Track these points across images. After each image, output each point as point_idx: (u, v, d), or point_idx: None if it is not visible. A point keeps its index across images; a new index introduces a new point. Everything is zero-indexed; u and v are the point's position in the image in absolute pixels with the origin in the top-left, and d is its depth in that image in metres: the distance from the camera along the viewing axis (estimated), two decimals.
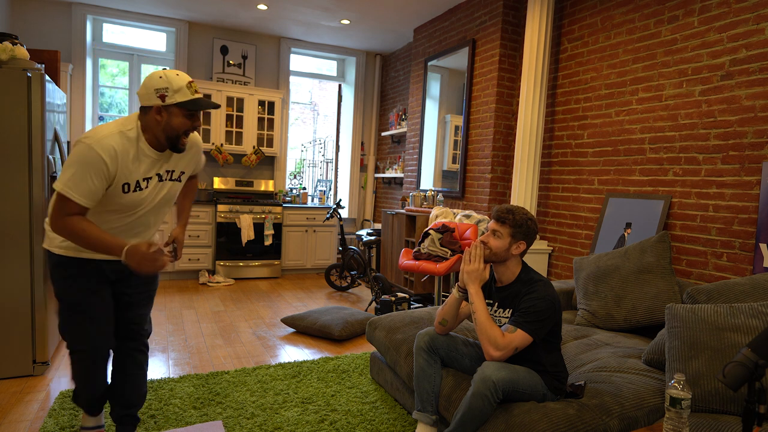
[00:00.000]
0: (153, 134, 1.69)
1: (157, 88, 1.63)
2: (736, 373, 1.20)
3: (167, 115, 1.66)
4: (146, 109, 1.67)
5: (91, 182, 1.58)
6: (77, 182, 1.56)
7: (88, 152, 1.57)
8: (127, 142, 1.65)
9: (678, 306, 1.96)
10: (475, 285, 1.88)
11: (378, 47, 6.40)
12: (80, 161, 1.56)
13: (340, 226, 5.38)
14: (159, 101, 1.63)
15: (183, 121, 1.68)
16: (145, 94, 1.65)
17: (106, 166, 1.59)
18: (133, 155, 1.67)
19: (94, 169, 1.57)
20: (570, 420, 1.67)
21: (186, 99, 1.66)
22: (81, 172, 1.57)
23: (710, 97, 2.78)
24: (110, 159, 1.60)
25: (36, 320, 2.73)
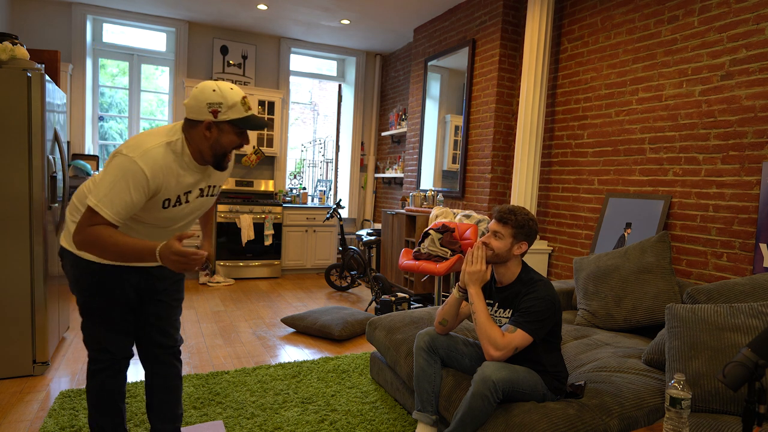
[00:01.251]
0: (197, 149, 1.56)
1: (209, 102, 1.49)
2: (736, 373, 1.20)
3: (217, 132, 1.53)
4: (193, 123, 1.53)
5: (128, 197, 1.45)
6: (113, 198, 1.43)
7: (131, 166, 1.44)
8: (173, 156, 1.52)
9: (678, 306, 1.96)
10: (475, 286, 1.88)
11: (378, 47, 6.40)
12: (121, 175, 1.44)
13: (340, 226, 5.38)
14: (210, 117, 1.50)
15: (233, 138, 1.55)
16: (195, 107, 1.51)
17: (148, 181, 1.47)
18: (178, 169, 1.54)
19: (134, 184, 1.45)
20: (570, 420, 1.67)
21: (240, 116, 1.53)
22: (119, 186, 1.44)
23: (710, 97, 2.78)
24: (153, 174, 1.47)
25: (36, 320, 2.73)
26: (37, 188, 2.68)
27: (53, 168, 2.87)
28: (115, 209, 1.44)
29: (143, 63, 5.70)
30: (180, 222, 1.69)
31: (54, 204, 2.90)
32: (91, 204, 1.43)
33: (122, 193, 1.43)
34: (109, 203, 1.43)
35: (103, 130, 5.73)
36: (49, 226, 2.83)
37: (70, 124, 5.21)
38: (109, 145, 5.76)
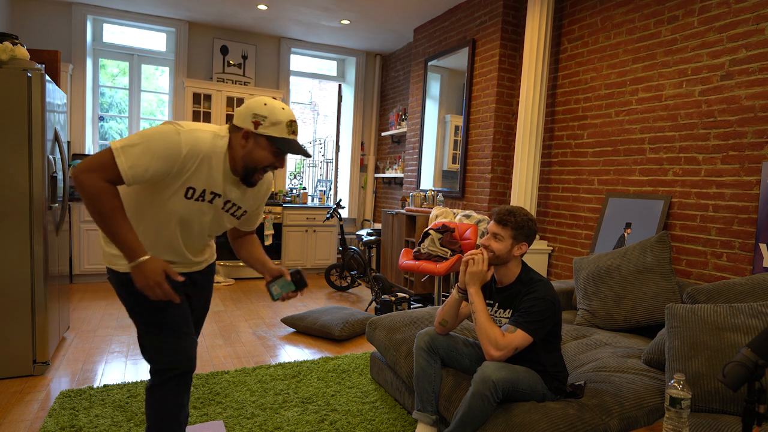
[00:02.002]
0: (233, 155, 1.52)
1: (255, 113, 1.48)
2: (735, 373, 1.20)
3: (253, 143, 1.49)
4: (236, 129, 1.51)
5: (151, 160, 1.37)
6: (137, 152, 1.36)
7: (172, 135, 1.40)
8: (216, 149, 1.49)
9: (678, 306, 1.96)
10: (475, 286, 1.88)
11: (378, 47, 6.40)
12: (156, 136, 1.38)
13: (340, 226, 5.38)
14: (251, 126, 1.48)
15: (266, 156, 1.51)
16: (242, 114, 1.50)
17: (180, 158, 1.41)
18: (215, 164, 1.49)
19: (164, 151, 1.38)
20: (570, 420, 1.67)
21: (279, 135, 1.50)
22: (148, 145, 1.37)
23: (710, 97, 2.78)
24: (189, 154, 1.42)
25: (36, 320, 2.73)
26: (38, 188, 2.68)
27: (53, 168, 2.87)
28: (131, 162, 1.36)
29: (143, 63, 5.70)
30: (192, 226, 1.58)
31: (54, 204, 2.90)
32: (113, 146, 1.36)
33: (147, 153, 1.37)
34: (130, 154, 1.35)
35: (103, 130, 5.73)
36: (49, 225, 2.83)
37: (70, 124, 5.22)
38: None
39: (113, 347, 3.23)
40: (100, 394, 2.51)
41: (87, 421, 2.23)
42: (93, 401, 2.43)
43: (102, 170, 1.35)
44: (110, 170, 1.36)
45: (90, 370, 2.84)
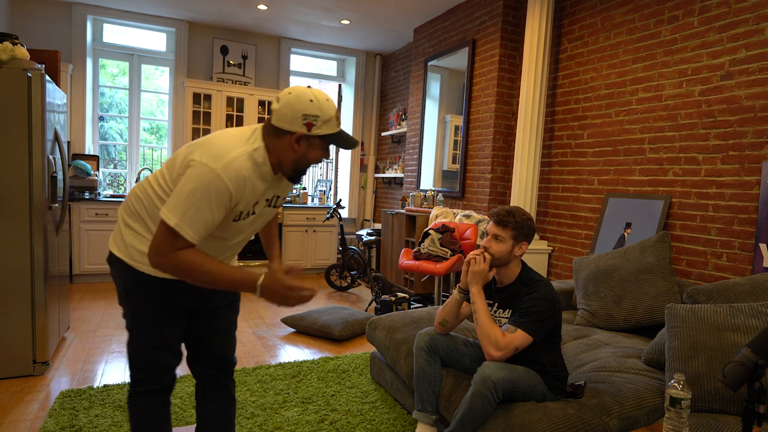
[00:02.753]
0: (278, 159, 1.41)
1: (306, 113, 1.34)
2: (735, 373, 1.20)
3: (306, 146, 1.39)
4: (281, 132, 1.37)
5: (210, 215, 1.31)
6: (193, 216, 1.28)
7: (214, 181, 1.29)
8: (255, 167, 1.38)
9: (678, 306, 1.96)
10: (478, 285, 1.88)
11: (378, 47, 6.40)
12: (202, 189, 1.28)
13: (340, 226, 5.38)
14: (303, 129, 1.35)
15: (319, 154, 1.42)
16: (287, 116, 1.35)
17: (231, 198, 1.33)
18: (255, 179, 1.39)
19: (216, 201, 1.30)
20: (570, 420, 1.67)
21: (333, 132, 1.40)
22: (201, 203, 1.29)
23: (710, 97, 2.78)
24: (236, 189, 1.33)
25: (36, 320, 2.73)
26: (38, 188, 2.68)
27: (53, 168, 2.87)
28: (195, 228, 1.30)
29: (143, 63, 5.70)
30: (241, 235, 1.53)
31: (54, 204, 2.90)
32: (170, 224, 1.28)
33: (203, 211, 1.29)
34: (189, 222, 1.28)
35: (103, 130, 5.73)
36: (49, 225, 2.83)
37: (70, 124, 5.22)
38: (109, 145, 5.77)
39: (113, 347, 3.23)
40: (100, 394, 2.51)
41: (87, 421, 2.23)
42: (93, 401, 2.43)
43: (173, 247, 1.30)
44: (180, 243, 1.30)
45: (90, 370, 2.84)
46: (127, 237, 1.46)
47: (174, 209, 1.29)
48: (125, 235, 1.46)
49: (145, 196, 1.45)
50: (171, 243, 1.29)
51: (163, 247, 1.29)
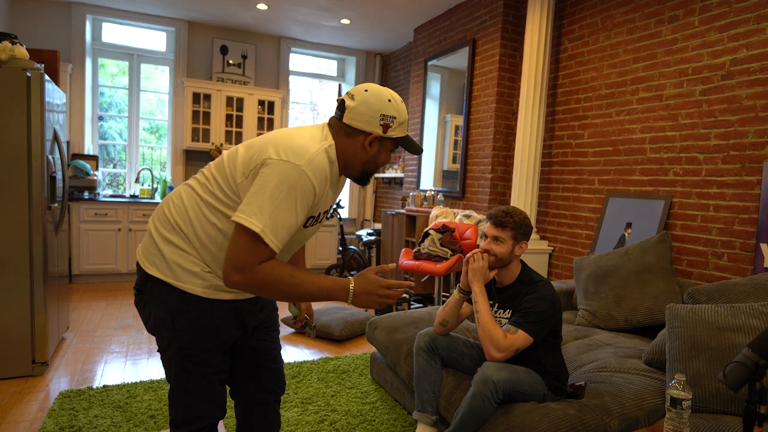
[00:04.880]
0: (345, 160, 1.30)
1: (384, 114, 1.26)
2: (736, 374, 1.20)
3: (379, 147, 1.30)
4: (354, 132, 1.27)
5: (293, 218, 1.17)
6: (277, 220, 1.14)
7: (300, 178, 1.16)
8: (330, 165, 1.26)
9: (678, 306, 1.96)
10: (479, 284, 1.88)
11: (378, 47, 6.40)
12: (288, 189, 1.15)
13: (340, 226, 5.38)
14: (379, 130, 1.26)
15: (389, 157, 1.34)
16: (365, 115, 1.25)
17: (315, 195, 1.21)
18: (331, 178, 1.28)
19: (302, 201, 1.17)
20: (570, 420, 1.66)
21: (404, 135, 1.32)
22: (286, 204, 1.15)
23: (711, 96, 2.77)
24: (320, 187, 1.21)
25: (35, 320, 2.73)
26: (37, 188, 2.67)
27: (53, 168, 2.87)
28: (280, 234, 1.15)
29: (143, 63, 5.69)
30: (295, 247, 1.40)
31: (54, 204, 2.89)
32: (255, 230, 1.12)
33: (288, 214, 1.15)
34: (273, 227, 1.14)
35: (103, 130, 5.73)
36: (48, 225, 2.83)
37: (69, 123, 5.21)
38: (108, 145, 5.76)
39: (113, 347, 3.22)
40: (100, 395, 2.50)
41: (86, 422, 2.23)
42: (92, 401, 2.43)
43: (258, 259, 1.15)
44: (264, 253, 1.15)
45: (89, 371, 2.84)
46: (168, 254, 1.25)
47: (257, 213, 1.12)
48: (166, 252, 1.25)
49: (190, 205, 1.26)
50: (255, 254, 1.13)
51: (247, 260, 1.13)
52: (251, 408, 1.49)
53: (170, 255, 1.25)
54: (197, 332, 1.26)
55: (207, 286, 1.25)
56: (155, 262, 1.26)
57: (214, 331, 1.28)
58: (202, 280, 1.24)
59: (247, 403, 1.49)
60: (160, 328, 1.27)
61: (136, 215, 5.07)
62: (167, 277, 1.24)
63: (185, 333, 1.26)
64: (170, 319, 1.26)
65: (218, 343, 1.30)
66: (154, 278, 1.26)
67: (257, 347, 1.46)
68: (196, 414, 1.30)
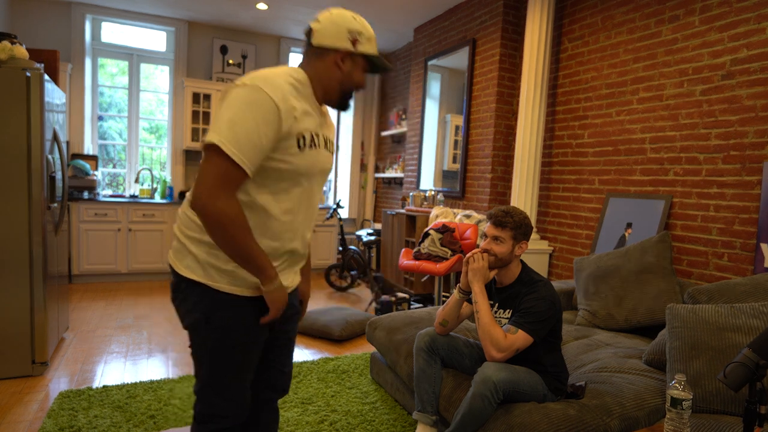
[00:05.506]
0: (322, 85, 1.30)
1: (351, 28, 1.27)
2: (737, 374, 1.20)
3: (351, 64, 1.30)
4: (324, 52, 1.28)
5: (254, 128, 1.13)
6: (237, 131, 1.12)
7: (256, 94, 1.14)
8: (295, 87, 1.24)
9: (679, 306, 1.95)
10: (479, 284, 1.88)
11: (378, 47, 6.39)
12: (244, 104, 1.14)
13: (339, 226, 5.37)
14: (349, 45, 1.27)
15: (362, 78, 1.33)
16: (332, 32, 1.26)
17: (277, 110, 1.16)
18: (305, 103, 1.26)
19: (262, 116, 1.14)
20: (570, 420, 1.66)
21: (374, 53, 1.32)
22: (245, 117, 1.13)
23: (711, 96, 2.77)
24: (282, 101, 1.17)
25: (35, 320, 2.73)
26: (36, 188, 2.67)
27: (52, 168, 2.86)
28: (244, 149, 1.13)
29: (143, 62, 5.69)
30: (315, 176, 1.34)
31: (53, 204, 2.89)
32: (213, 140, 1.12)
33: (247, 126, 1.13)
34: (233, 138, 1.11)
35: (103, 130, 5.72)
36: (48, 225, 2.82)
37: (69, 123, 5.21)
38: (108, 145, 5.76)
39: (112, 348, 3.22)
40: (99, 395, 2.50)
41: (86, 422, 2.22)
42: (92, 402, 2.43)
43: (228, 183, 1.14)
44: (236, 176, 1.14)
45: (89, 371, 2.83)
46: (200, 255, 1.25)
47: (214, 129, 1.14)
48: (198, 253, 1.25)
49: None
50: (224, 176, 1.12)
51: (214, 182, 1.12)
52: (257, 407, 1.49)
53: (202, 255, 1.25)
54: (231, 330, 1.26)
55: (241, 285, 1.26)
56: (189, 264, 1.27)
57: (247, 329, 1.29)
58: (236, 278, 1.25)
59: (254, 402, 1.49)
60: (195, 326, 1.28)
61: (136, 215, 5.07)
62: (201, 277, 1.25)
63: (218, 331, 1.26)
64: (204, 318, 1.26)
65: (251, 341, 1.30)
66: (188, 279, 1.27)
67: (274, 347, 1.45)
68: (220, 413, 1.31)
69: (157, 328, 3.67)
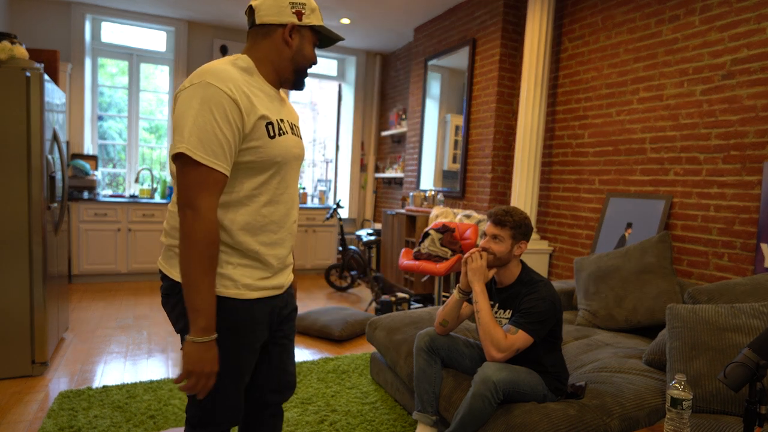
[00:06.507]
0: (272, 66, 1.25)
1: (292, 1, 1.21)
2: (737, 374, 1.20)
3: (299, 39, 1.24)
4: (269, 30, 1.23)
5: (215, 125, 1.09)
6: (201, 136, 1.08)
7: (206, 90, 1.10)
8: (243, 73, 1.20)
9: (679, 306, 1.95)
10: (480, 283, 1.88)
11: (378, 47, 6.39)
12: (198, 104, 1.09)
13: (339, 226, 5.37)
14: (294, 18, 1.21)
15: (312, 52, 1.27)
16: (274, 7, 1.21)
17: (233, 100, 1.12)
18: (256, 89, 1.21)
19: (220, 111, 1.09)
20: (571, 421, 1.66)
21: (320, 24, 1.26)
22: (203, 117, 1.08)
23: (711, 96, 2.77)
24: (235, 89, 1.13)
25: (35, 320, 2.73)
26: (36, 188, 2.67)
27: (52, 168, 2.86)
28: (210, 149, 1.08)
29: (142, 62, 5.69)
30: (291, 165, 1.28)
31: (53, 204, 2.89)
32: (180, 150, 1.07)
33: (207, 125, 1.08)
34: (197, 141, 1.07)
35: (102, 130, 5.72)
36: (48, 225, 2.82)
37: (69, 123, 5.21)
38: (108, 145, 5.76)
39: (112, 348, 3.22)
40: (99, 395, 2.50)
41: (86, 422, 2.22)
42: (92, 402, 2.42)
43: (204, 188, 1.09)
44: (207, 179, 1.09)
45: (89, 371, 2.83)
46: None
47: (177, 140, 1.09)
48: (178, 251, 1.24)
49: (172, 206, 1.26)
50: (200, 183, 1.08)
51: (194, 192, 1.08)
52: (260, 411, 1.45)
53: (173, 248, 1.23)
54: (224, 334, 1.21)
55: (232, 288, 1.21)
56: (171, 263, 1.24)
57: (239, 333, 1.24)
58: (227, 281, 1.21)
59: (257, 405, 1.44)
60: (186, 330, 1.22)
61: (136, 215, 5.07)
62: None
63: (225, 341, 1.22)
64: None
65: (244, 345, 1.26)
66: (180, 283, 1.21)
67: (276, 349, 1.41)
68: (212, 418, 1.28)
69: (157, 328, 3.67)
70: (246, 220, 1.21)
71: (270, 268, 1.27)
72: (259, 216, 1.22)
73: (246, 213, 1.21)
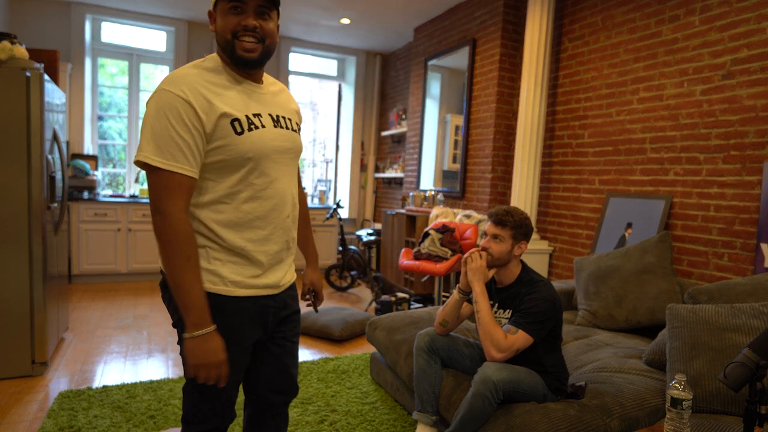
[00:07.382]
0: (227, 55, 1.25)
1: None
2: (737, 374, 1.20)
3: (216, 18, 1.24)
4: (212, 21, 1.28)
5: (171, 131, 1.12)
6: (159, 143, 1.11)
7: (160, 97, 1.13)
8: (206, 72, 1.21)
9: (679, 306, 1.95)
10: (480, 283, 1.88)
11: (378, 46, 6.39)
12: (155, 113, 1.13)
13: (339, 226, 5.37)
14: (211, 6, 1.25)
15: (228, 19, 1.21)
16: None
17: (188, 103, 1.13)
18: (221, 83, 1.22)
19: (174, 115, 1.12)
20: (571, 421, 1.66)
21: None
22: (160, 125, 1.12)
23: (711, 96, 2.77)
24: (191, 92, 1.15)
25: (35, 320, 2.73)
26: (36, 188, 2.67)
27: (52, 168, 2.86)
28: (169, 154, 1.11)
29: (142, 62, 5.69)
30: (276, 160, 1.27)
31: (53, 204, 2.89)
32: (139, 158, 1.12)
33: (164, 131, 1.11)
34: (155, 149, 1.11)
35: (102, 130, 5.72)
36: (48, 225, 2.82)
37: (69, 123, 5.21)
38: (108, 145, 5.76)
39: (112, 348, 3.22)
40: (99, 395, 2.50)
41: (86, 422, 2.22)
42: (92, 402, 2.42)
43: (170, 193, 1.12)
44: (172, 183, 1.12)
45: (89, 371, 2.83)
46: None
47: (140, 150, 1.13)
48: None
49: None
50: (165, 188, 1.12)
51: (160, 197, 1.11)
52: (263, 412, 1.45)
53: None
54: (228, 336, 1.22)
55: (226, 284, 1.23)
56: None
57: (231, 330, 1.24)
58: (218, 277, 1.22)
59: (259, 406, 1.44)
60: (178, 325, 1.26)
61: (136, 215, 5.07)
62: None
63: None
64: None
65: (235, 342, 1.26)
66: None
67: (277, 350, 1.40)
68: (204, 416, 1.30)
69: (157, 328, 3.67)
70: (228, 218, 1.22)
71: (260, 265, 1.28)
72: (241, 213, 1.23)
73: (228, 211, 1.22)
